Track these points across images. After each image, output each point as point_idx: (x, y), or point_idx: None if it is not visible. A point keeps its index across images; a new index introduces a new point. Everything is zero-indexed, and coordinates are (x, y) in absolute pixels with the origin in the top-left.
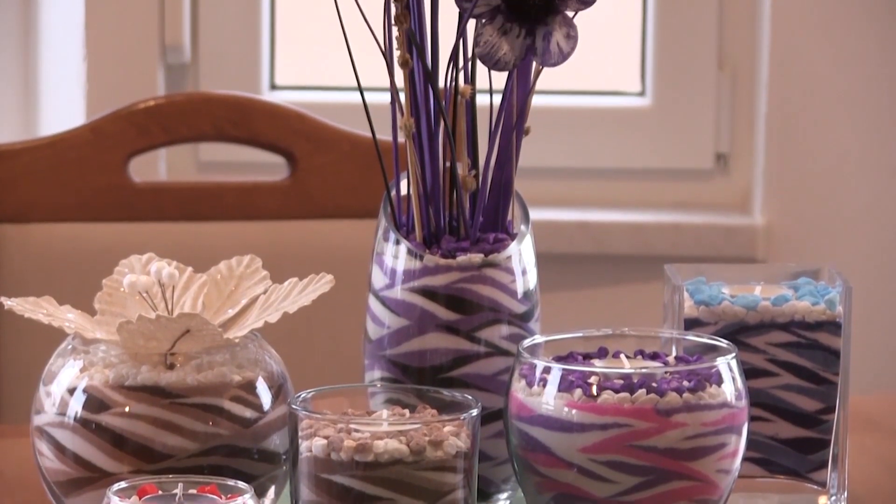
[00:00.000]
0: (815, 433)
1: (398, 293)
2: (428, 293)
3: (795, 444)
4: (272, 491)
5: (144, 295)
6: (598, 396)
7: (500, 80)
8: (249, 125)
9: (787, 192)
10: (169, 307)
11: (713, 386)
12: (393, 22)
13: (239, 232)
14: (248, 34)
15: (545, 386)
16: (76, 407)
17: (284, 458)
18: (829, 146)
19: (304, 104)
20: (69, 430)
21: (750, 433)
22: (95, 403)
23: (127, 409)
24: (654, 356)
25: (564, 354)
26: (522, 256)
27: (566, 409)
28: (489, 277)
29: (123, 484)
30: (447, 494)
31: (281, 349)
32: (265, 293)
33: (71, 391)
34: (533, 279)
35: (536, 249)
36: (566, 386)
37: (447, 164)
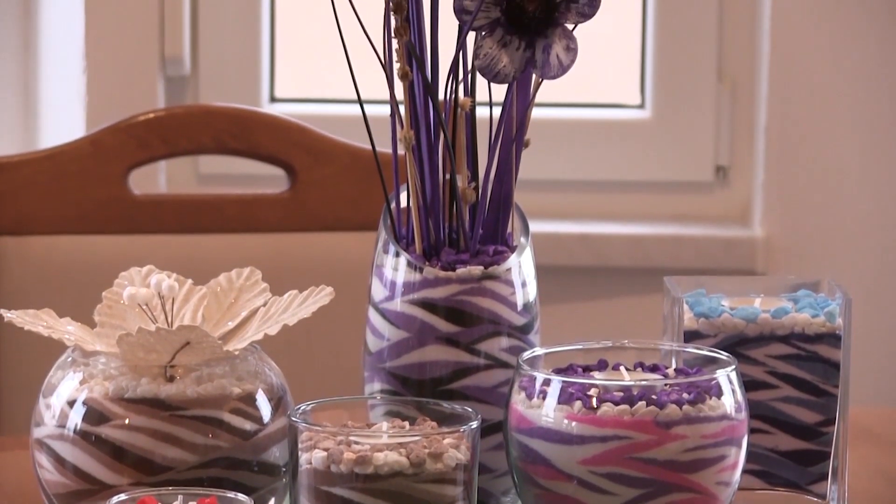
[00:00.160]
0: (814, 445)
1: (398, 305)
2: (428, 305)
3: (795, 456)
4: (272, 503)
5: (144, 307)
6: (597, 409)
7: (499, 92)
8: (249, 138)
9: (786, 204)
10: (169, 319)
11: (713, 398)
12: (393, 34)
13: (239, 244)
14: (248, 46)
15: (545, 398)
16: (76, 419)
17: (284, 470)
18: (828, 159)
19: (304, 117)
20: (69, 442)
21: (750, 445)
22: (95, 416)
23: (127, 421)
24: (653, 368)
25: (564, 367)
26: (522, 269)
27: (566, 421)
28: (489, 290)
29: (123, 496)
30: None
31: (281, 361)
32: (265, 305)
33: (71, 403)
34: (533, 291)
35: (536, 262)
36: (566, 398)
37: (447, 176)
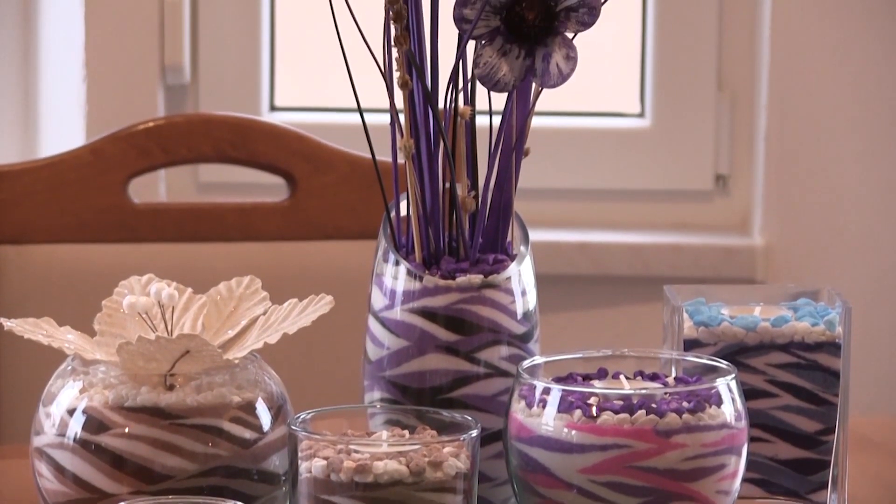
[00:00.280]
0: (814, 454)
1: (398, 314)
2: (427, 314)
3: (795, 465)
4: None
5: (144, 316)
6: (597, 417)
7: (499, 101)
8: (249, 146)
9: (786, 213)
10: (168, 328)
11: (713, 407)
12: (392, 43)
13: (238, 253)
14: (247, 55)
15: (545, 407)
16: (76, 428)
17: (284, 478)
18: (828, 167)
19: (303, 125)
20: (69, 451)
21: (750, 454)
22: (95, 424)
23: (126, 430)
24: (653, 377)
25: (564, 375)
26: (522, 277)
27: (566, 429)
28: (489, 298)
29: None
30: None
31: (280, 370)
32: (265, 314)
33: (70, 412)
34: (532, 300)
35: (536, 270)
36: (566, 407)
37: (447, 185)
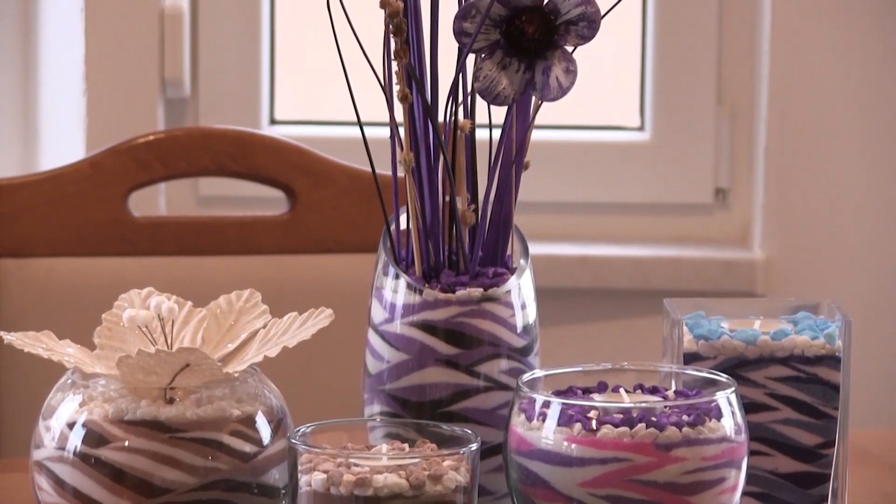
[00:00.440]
0: (814, 468)
1: (397, 327)
2: (427, 327)
3: (795, 478)
4: None
5: (144, 329)
6: (597, 431)
7: (499, 114)
8: (249, 160)
9: (786, 226)
10: (168, 341)
11: (713, 420)
12: (392, 57)
13: (238, 266)
14: (247, 69)
15: (545, 420)
16: (75, 441)
17: (284, 492)
18: (828, 181)
19: (303, 139)
20: (68, 464)
21: (749, 467)
22: (95, 438)
23: (126, 443)
24: (653, 390)
25: (564, 389)
26: (522, 291)
27: (566, 443)
28: (488, 312)
29: None
30: None
31: (280, 383)
32: (265, 327)
33: (70, 425)
34: (532, 313)
35: (536, 284)
36: (566, 420)
37: (447, 198)
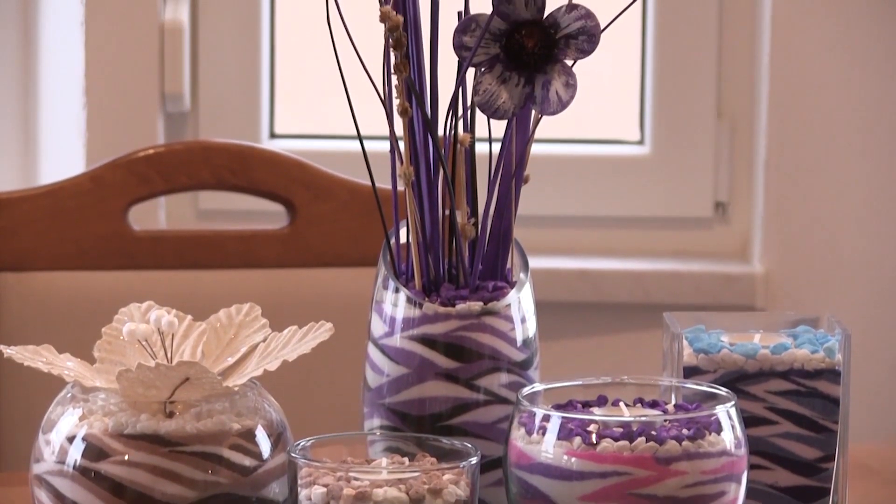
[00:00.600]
0: (814, 481)
1: (397, 341)
2: (427, 341)
3: (795, 492)
4: None
5: (144, 343)
6: (597, 444)
7: (499, 128)
8: (249, 174)
9: (786, 240)
10: (168, 355)
11: (712, 434)
12: (392, 70)
13: (238, 280)
14: (247, 83)
15: (544, 434)
16: (75, 455)
17: None
18: (828, 195)
19: (303, 153)
20: (68, 478)
21: (749, 481)
22: (95, 452)
23: (126, 457)
24: (653, 404)
25: (564, 402)
26: (521, 304)
27: (565, 457)
28: (488, 325)
29: None
30: None
31: (280, 397)
32: (264, 341)
33: (70, 439)
34: (532, 327)
35: (536, 297)
36: (565, 434)
37: (446, 212)
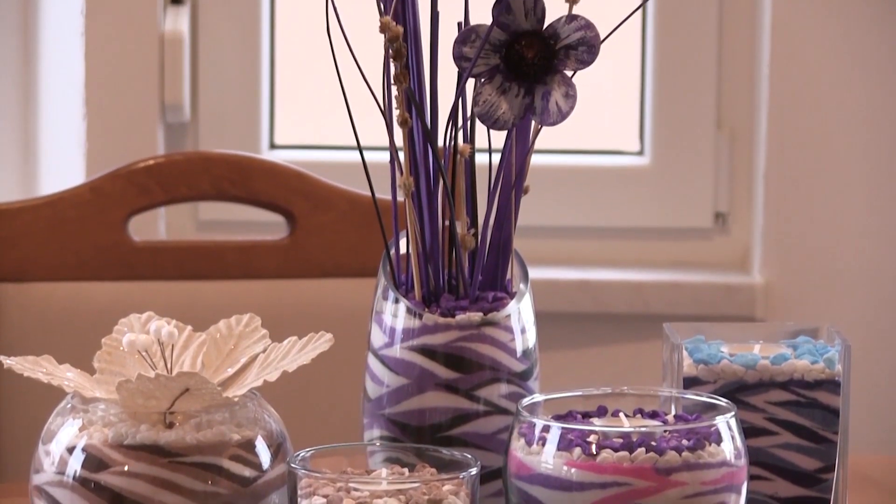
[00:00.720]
0: (814, 492)
1: (397, 352)
2: (427, 352)
3: (795, 503)
4: None
5: (144, 354)
6: (597, 455)
7: (499, 139)
8: (249, 184)
9: (785, 251)
10: (168, 366)
11: (712, 445)
12: (392, 81)
13: (238, 291)
14: (247, 93)
15: (544, 445)
16: (75, 466)
17: None
18: (828, 205)
19: (303, 163)
20: (68, 489)
21: (749, 492)
22: (94, 462)
23: (126, 468)
24: (653, 415)
25: (564, 413)
26: (521, 315)
27: (565, 467)
28: (488, 336)
29: None
30: None
31: (280, 408)
32: (264, 352)
33: (70, 450)
34: (532, 338)
35: (536, 308)
36: (565, 445)
37: (446, 222)
